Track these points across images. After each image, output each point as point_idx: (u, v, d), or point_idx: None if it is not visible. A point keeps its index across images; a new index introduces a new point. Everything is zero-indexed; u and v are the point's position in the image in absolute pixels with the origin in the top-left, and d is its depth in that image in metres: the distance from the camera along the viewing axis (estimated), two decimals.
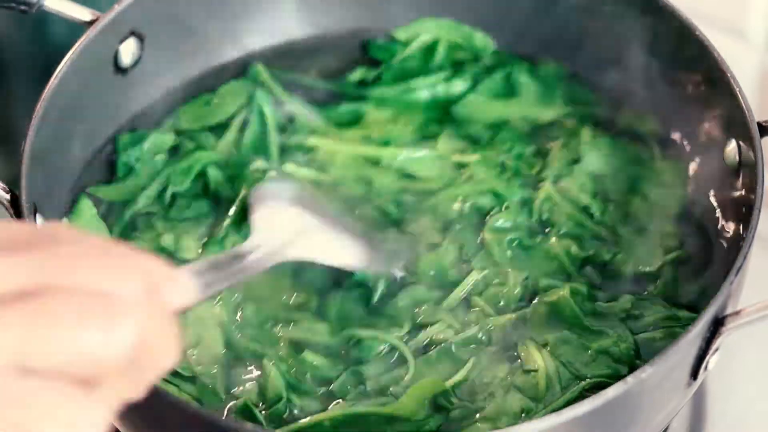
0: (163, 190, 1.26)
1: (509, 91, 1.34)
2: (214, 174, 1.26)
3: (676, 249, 1.21)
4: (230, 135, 1.30)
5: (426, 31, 1.37)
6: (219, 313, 1.17)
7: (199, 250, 1.21)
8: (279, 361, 1.14)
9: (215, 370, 1.14)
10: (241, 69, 1.35)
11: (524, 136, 1.30)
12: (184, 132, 1.30)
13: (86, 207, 1.22)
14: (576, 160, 1.26)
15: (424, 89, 1.35)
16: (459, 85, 1.35)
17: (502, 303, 1.18)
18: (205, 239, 1.22)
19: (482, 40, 1.36)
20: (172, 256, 1.21)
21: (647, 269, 1.20)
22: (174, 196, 1.25)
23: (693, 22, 1.23)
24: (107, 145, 1.28)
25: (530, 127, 1.31)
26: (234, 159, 1.28)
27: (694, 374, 1.07)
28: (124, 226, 1.23)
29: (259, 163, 1.27)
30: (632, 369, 1.11)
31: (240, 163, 1.28)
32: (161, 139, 1.28)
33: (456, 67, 1.36)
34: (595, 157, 1.27)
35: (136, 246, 1.18)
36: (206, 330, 1.16)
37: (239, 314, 1.17)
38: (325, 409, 1.11)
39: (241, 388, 1.13)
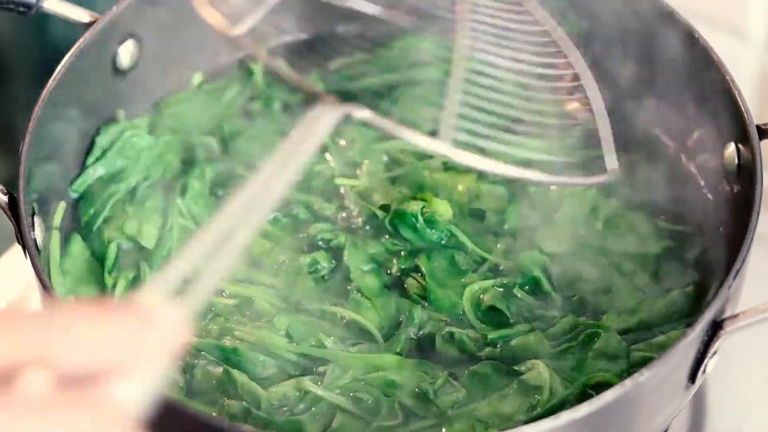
0: (144, 179, 1.26)
1: None
2: (170, 160, 1.27)
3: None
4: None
5: None
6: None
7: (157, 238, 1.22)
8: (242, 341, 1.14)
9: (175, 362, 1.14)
10: (240, 70, 1.35)
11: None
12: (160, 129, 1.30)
13: (79, 249, 1.21)
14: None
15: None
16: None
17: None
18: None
19: None
20: (135, 243, 1.21)
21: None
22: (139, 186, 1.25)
23: (693, 23, 1.22)
24: None
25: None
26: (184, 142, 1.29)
27: (693, 377, 1.07)
28: (105, 217, 1.23)
29: (205, 139, 1.28)
30: (631, 364, 1.12)
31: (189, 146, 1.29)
32: (136, 140, 1.27)
33: None
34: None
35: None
36: None
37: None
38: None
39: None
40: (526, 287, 1.19)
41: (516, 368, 1.13)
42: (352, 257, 1.20)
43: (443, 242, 1.21)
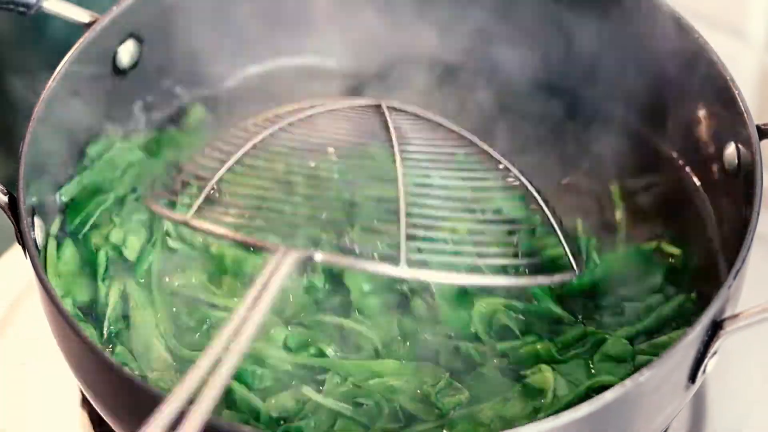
0: (132, 191, 1.25)
1: None
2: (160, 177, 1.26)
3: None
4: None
5: None
6: (159, 319, 1.16)
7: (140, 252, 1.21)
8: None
9: (170, 376, 1.13)
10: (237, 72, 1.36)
11: None
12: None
13: (71, 254, 1.20)
14: None
15: None
16: None
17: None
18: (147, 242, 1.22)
19: None
20: (120, 254, 1.21)
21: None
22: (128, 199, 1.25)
23: (693, 23, 1.22)
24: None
25: None
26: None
27: (693, 377, 1.07)
28: (92, 224, 1.22)
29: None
30: (636, 367, 1.12)
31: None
32: (127, 154, 1.27)
33: None
34: None
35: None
36: (152, 337, 1.15)
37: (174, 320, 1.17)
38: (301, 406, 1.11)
39: None
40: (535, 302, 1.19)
41: (521, 372, 1.13)
42: (352, 278, 1.19)
43: None
